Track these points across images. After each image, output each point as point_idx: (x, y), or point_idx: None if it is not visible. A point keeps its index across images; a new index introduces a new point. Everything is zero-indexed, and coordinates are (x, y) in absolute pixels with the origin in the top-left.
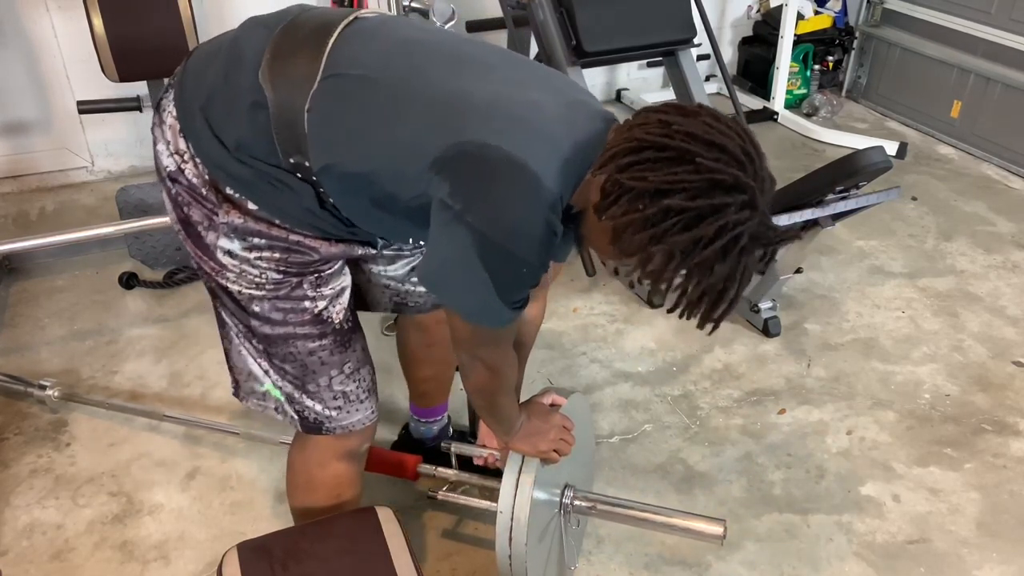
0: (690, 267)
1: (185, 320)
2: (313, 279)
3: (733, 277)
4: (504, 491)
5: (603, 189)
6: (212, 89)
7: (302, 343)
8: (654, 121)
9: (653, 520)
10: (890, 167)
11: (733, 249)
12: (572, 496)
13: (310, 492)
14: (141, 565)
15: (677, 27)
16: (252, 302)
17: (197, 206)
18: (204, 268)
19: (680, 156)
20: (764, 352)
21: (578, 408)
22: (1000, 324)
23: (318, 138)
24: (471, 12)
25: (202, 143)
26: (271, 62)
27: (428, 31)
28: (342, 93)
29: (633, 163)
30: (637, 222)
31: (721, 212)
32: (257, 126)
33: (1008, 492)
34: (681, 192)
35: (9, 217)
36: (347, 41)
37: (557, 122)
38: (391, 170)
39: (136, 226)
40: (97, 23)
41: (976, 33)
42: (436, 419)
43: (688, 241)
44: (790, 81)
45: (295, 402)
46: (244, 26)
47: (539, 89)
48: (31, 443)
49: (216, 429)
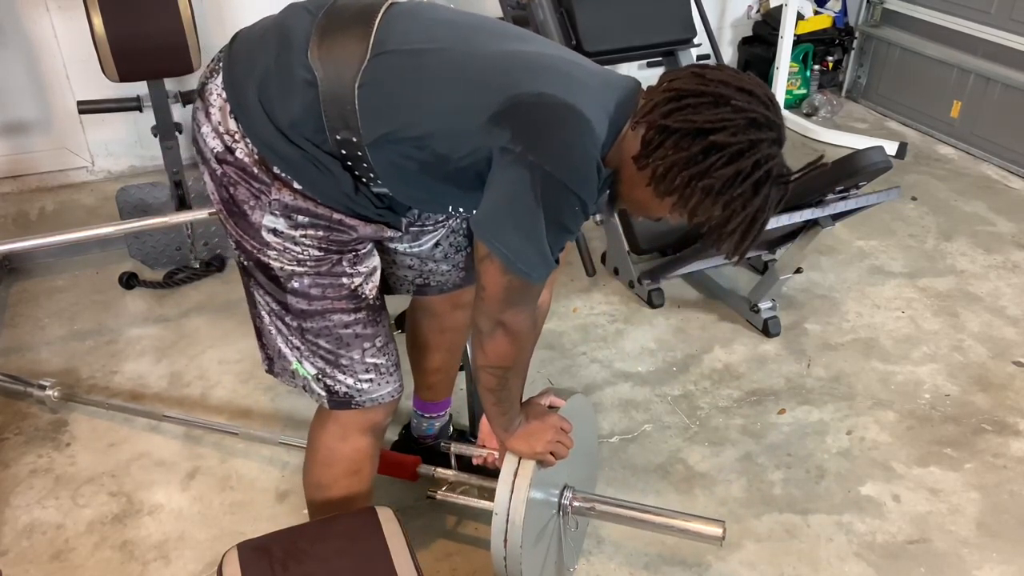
0: (728, 199)
1: (185, 320)
2: (351, 256)
3: (764, 208)
4: (500, 492)
5: (644, 139)
6: (265, 70)
7: (339, 316)
8: (686, 74)
9: (652, 521)
10: (890, 167)
11: (766, 182)
12: (571, 497)
13: (328, 467)
14: (141, 565)
15: (677, 27)
16: (292, 278)
17: (244, 185)
18: (245, 246)
19: (717, 100)
20: (764, 352)
21: (579, 409)
22: (1000, 324)
23: (370, 110)
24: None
25: (254, 122)
26: (320, 42)
27: (465, 13)
28: (394, 66)
29: (675, 109)
30: (682, 161)
31: (757, 146)
32: (307, 104)
33: (1008, 492)
34: (723, 130)
35: (9, 217)
36: (392, 20)
37: (598, 80)
38: (446, 130)
39: (136, 226)
40: (97, 23)
41: (976, 33)
42: (439, 414)
43: (730, 173)
44: (790, 81)
45: (326, 377)
46: (287, 11)
47: (574, 62)
48: (31, 443)
49: (215, 429)
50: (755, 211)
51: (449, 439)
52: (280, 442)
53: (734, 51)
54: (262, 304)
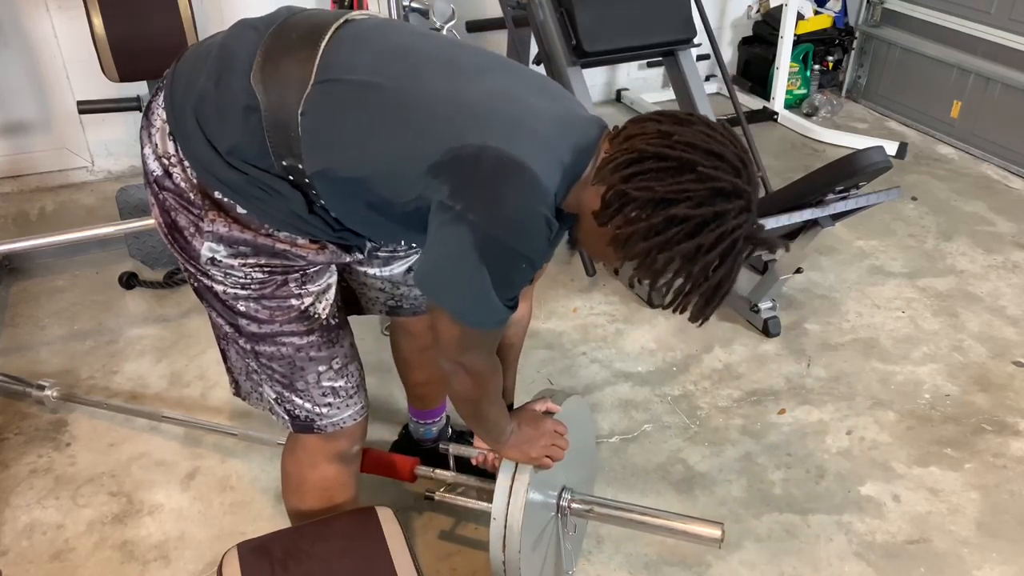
0: (690, 271)
1: (185, 320)
2: (298, 276)
3: (728, 276)
4: (497, 498)
5: (604, 198)
6: (203, 92)
7: (289, 339)
8: (652, 132)
9: (651, 523)
10: (890, 167)
11: (731, 252)
12: (570, 499)
13: (301, 494)
14: (141, 565)
15: (677, 27)
16: (238, 301)
17: (183, 212)
18: (190, 270)
19: (682, 165)
20: (764, 352)
21: (576, 410)
22: (1000, 324)
23: (312, 142)
24: (471, 12)
25: (192, 145)
26: (263, 64)
27: (421, 35)
28: (336, 98)
29: (636, 173)
30: (642, 230)
31: (722, 218)
32: (249, 129)
33: (1008, 492)
34: (686, 201)
35: (9, 217)
36: (340, 45)
37: (552, 125)
38: (387, 175)
39: (136, 226)
40: (97, 23)
41: (976, 33)
42: (434, 420)
43: (692, 248)
44: (790, 81)
45: (285, 401)
46: (233, 29)
47: (533, 94)
48: (31, 443)
49: (214, 430)
50: (718, 281)
51: (448, 440)
52: (278, 443)
53: (734, 51)
54: (218, 327)
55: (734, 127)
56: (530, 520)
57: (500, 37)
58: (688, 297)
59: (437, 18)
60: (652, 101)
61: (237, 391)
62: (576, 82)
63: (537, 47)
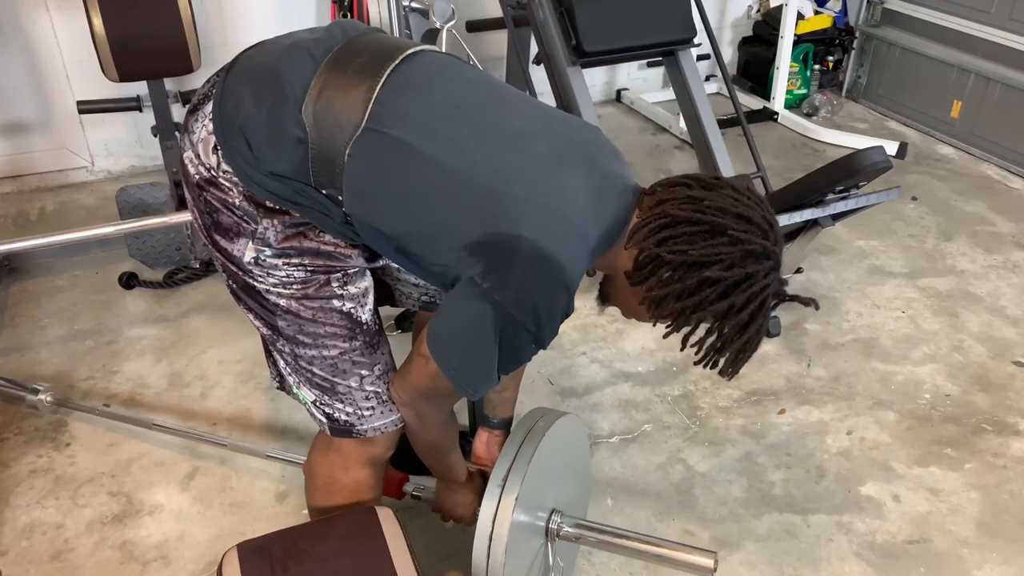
0: (722, 330)
1: (185, 320)
2: (340, 276)
3: (758, 333)
4: (477, 549)
5: (637, 260)
6: (255, 118)
7: (332, 343)
8: (682, 197)
9: (643, 550)
10: (890, 167)
11: (760, 310)
12: (559, 522)
13: (330, 495)
14: (141, 565)
15: (677, 27)
16: (280, 300)
17: (227, 213)
18: (230, 269)
19: (713, 229)
20: (764, 352)
21: (569, 431)
22: (1000, 324)
23: (353, 187)
24: (471, 12)
25: (239, 161)
26: (317, 98)
27: (473, 85)
28: (382, 156)
29: (669, 237)
30: (675, 292)
31: (753, 278)
32: (297, 157)
33: (1008, 492)
34: (718, 263)
35: (9, 217)
36: (395, 89)
37: (587, 209)
38: (419, 239)
39: (136, 226)
40: (97, 23)
41: (976, 33)
42: None
43: (724, 307)
44: (790, 81)
45: (324, 405)
46: (287, 53)
47: (574, 164)
48: (31, 443)
49: (204, 440)
50: (748, 338)
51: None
52: (268, 456)
53: (734, 51)
54: (258, 326)
55: (734, 127)
56: (516, 544)
57: (500, 37)
58: (720, 354)
59: (437, 18)
60: (652, 101)
61: (282, 385)
62: (576, 82)
63: (537, 47)
